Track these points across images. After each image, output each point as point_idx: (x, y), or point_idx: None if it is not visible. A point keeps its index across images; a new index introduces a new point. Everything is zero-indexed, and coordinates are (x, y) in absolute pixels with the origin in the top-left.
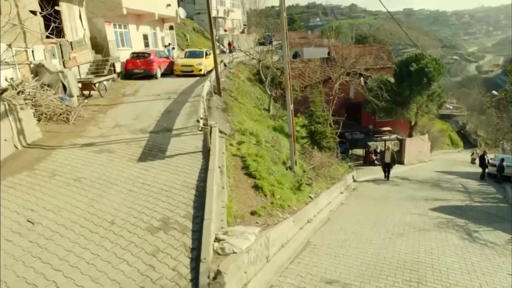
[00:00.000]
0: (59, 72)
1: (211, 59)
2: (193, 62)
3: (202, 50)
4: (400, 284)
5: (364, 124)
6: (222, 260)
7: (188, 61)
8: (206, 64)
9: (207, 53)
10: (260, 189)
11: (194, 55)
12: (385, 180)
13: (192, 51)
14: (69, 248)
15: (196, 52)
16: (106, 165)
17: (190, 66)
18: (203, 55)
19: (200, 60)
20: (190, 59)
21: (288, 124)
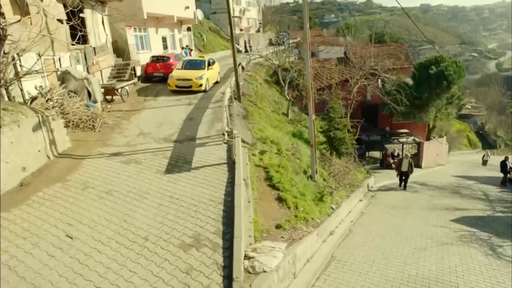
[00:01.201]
0: (84, 79)
1: (215, 69)
2: (192, 75)
3: (203, 59)
4: None
5: (380, 125)
6: (254, 279)
7: (185, 74)
8: (209, 76)
9: (210, 62)
10: (284, 201)
11: (194, 65)
12: (401, 189)
13: (192, 60)
14: (108, 265)
15: (197, 61)
16: (134, 177)
17: (188, 81)
18: (204, 65)
19: (201, 72)
20: (188, 71)
21: (310, 134)
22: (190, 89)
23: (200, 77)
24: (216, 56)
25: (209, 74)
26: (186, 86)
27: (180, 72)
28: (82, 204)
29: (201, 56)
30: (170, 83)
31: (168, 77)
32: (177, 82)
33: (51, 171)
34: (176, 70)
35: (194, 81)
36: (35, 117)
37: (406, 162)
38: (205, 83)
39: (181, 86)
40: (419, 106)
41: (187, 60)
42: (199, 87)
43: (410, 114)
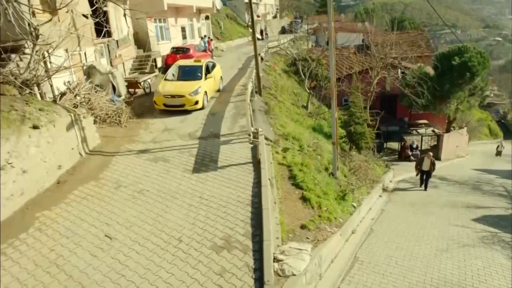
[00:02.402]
0: (108, 73)
1: (216, 76)
2: (184, 89)
3: (200, 64)
4: None
5: (399, 116)
6: (284, 282)
7: (175, 88)
8: (208, 88)
9: (209, 67)
10: (308, 201)
11: (188, 74)
12: (422, 189)
13: (185, 67)
14: (146, 265)
15: (191, 68)
16: (164, 176)
17: (179, 98)
18: (201, 74)
19: (196, 84)
20: (180, 84)
21: (332, 132)
22: (182, 108)
23: (196, 91)
24: (234, 44)
25: (207, 84)
26: (177, 105)
27: (169, 85)
28: (117, 203)
29: (197, 61)
30: (157, 100)
31: (154, 92)
32: (165, 100)
33: (84, 169)
34: (163, 82)
35: (188, 97)
36: (68, 116)
37: (428, 161)
38: (202, 99)
39: (170, 105)
40: (439, 97)
41: (181, 65)
42: (194, 105)
43: (430, 106)
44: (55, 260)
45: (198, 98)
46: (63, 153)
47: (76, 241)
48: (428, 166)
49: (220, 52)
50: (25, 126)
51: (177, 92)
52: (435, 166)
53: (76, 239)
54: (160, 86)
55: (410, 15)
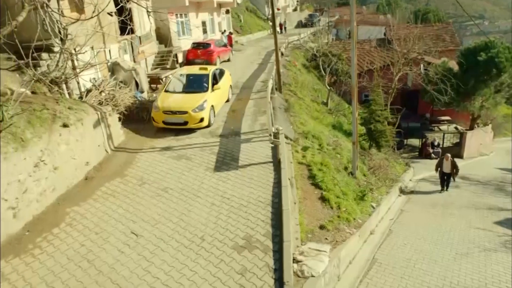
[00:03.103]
0: (132, 69)
1: (225, 85)
2: (187, 104)
3: (206, 73)
4: None
5: (420, 111)
6: (303, 283)
7: (177, 102)
8: (215, 101)
9: (216, 76)
10: (327, 201)
11: (192, 85)
12: (441, 192)
13: (190, 75)
14: (171, 263)
15: (197, 77)
16: (186, 174)
17: (181, 114)
18: (208, 84)
19: (201, 97)
20: (182, 97)
21: (353, 132)
22: (184, 126)
23: (201, 107)
24: (254, 37)
25: (215, 97)
26: (179, 123)
27: (170, 98)
28: (142, 200)
29: (202, 68)
30: (155, 117)
31: (153, 106)
32: (165, 116)
33: (110, 165)
34: (163, 95)
35: (191, 114)
36: (95, 114)
37: (448, 164)
38: (209, 115)
39: (171, 123)
40: (463, 94)
41: (184, 74)
42: (199, 122)
43: (453, 102)
44: (85, 255)
45: (203, 115)
46: (90, 150)
47: (104, 237)
48: (448, 168)
49: (240, 46)
50: (56, 124)
51: (178, 108)
52: (457, 169)
53: (104, 235)
54: (159, 99)
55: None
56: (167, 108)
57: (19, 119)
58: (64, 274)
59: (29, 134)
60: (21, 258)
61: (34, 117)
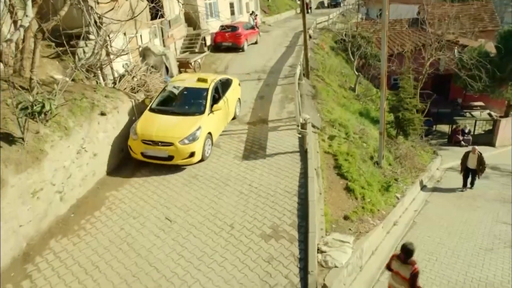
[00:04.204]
0: (162, 54)
1: (230, 100)
2: (174, 132)
3: (206, 86)
4: None
5: (452, 96)
6: (326, 273)
7: (161, 128)
8: (214, 126)
9: (219, 89)
10: (352, 191)
11: (186, 102)
12: (463, 190)
13: (184, 88)
14: (202, 249)
15: (193, 92)
16: (216, 162)
17: (165, 146)
18: (206, 102)
19: (195, 122)
20: (168, 121)
21: (380, 122)
22: (171, 163)
23: (192, 137)
24: (281, 17)
25: (214, 121)
26: (162, 157)
27: (154, 122)
28: (174, 187)
29: (201, 80)
30: (133, 146)
31: (130, 131)
32: (144, 147)
33: None
34: (146, 116)
35: (178, 146)
36: (130, 102)
37: (474, 158)
38: (203, 147)
39: (151, 156)
40: (499, 80)
41: (174, 87)
42: (188, 158)
43: (488, 88)
44: (125, 238)
45: (194, 148)
46: (125, 137)
47: (141, 221)
48: (474, 164)
49: (267, 27)
50: (94, 113)
51: (162, 137)
52: (484, 166)
53: (141, 219)
54: (140, 122)
55: None
56: (147, 137)
57: (62, 109)
58: (107, 255)
59: (71, 123)
60: (68, 238)
61: (75, 106)
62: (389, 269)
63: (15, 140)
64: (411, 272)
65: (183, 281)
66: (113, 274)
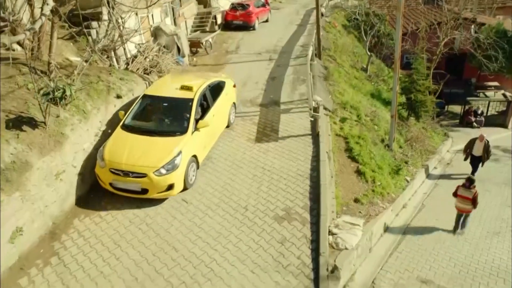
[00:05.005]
0: (173, 34)
1: (222, 111)
2: (148, 159)
3: (190, 97)
4: None
5: (466, 76)
6: (337, 255)
7: (133, 153)
8: (198, 147)
9: (207, 98)
10: (362, 174)
11: (165, 118)
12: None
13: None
14: (218, 230)
15: (174, 104)
16: (229, 144)
17: (138, 177)
18: (189, 117)
19: (174, 144)
20: (143, 142)
21: (392, 105)
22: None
23: (171, 165)
24: None
25: (200, 141)
26: (134, 190)
27: (125, 144)
28: None
29: (186, 88)
30: (101, 175)
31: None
32: (113, 178)
33: None
34: (117, 135)
35: (153, 178)
36: (144, 84)
37: (481, 145)
38: (184, 176)
39: (120, 189)
40: None
41: (151, 99)
42: (166, 191)
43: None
44: (144, 218)
45: (172, 180)
46: None
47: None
48: (480, 152)
49: (278, 4)
50: (110, 96)
51: (132, 166)
52: (490, 153)
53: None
54: (109, 144)
55: None
56: (115, 165)
57: (80, 92)
58: (127, 234)
59: (89, 106)
60: (90, 218)
61: (92, 89)
62: (455, 195)
63: (37, 124)
64: (473, 194)
65: (201, 260)
66: (134, 252)
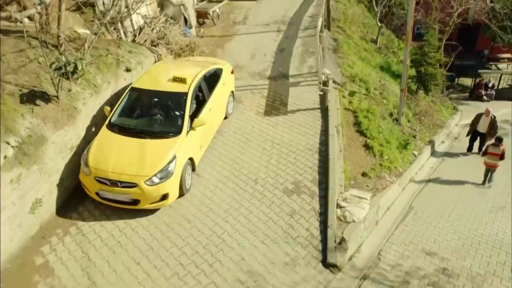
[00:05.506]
0: (180, 4)
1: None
2: (138, 166)
3: (184, 90)
4: (494, 266)
5: (478, 47)
6: (345, 227)
7: (121, 160)
8: (193, 150)
9: (203, 90)
10: (370, 149)
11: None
12: (467, 154)
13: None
14: (229, 202)
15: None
16: (238, 117)
17: (127, 187)
18: (184, 115)
19: (167, 147)
20: (132, 145)
21: (402, 79)
22: (136, 207)
23: (164, 172)
24: None
25: (196, 140)
26: (123, 201)
27: (111, 147)
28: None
29: (178, 79)
30: (86, 183)
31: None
32: (100, 187)
33: None
34: (102, 136)
35: (144, 187)
36: (152, 57)
37: (487, 121)
38: (180, 183)
39: (109, 199)
40: None
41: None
42: (160, 201)
43: None
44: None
45: (166, 189)
46: None
47: None
48: (485, 128)
49: None
50: (120, 69)
51: (120, 175)
52: (496, 129)
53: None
54: (93, 148)
55: None
56: (101, 173)
57: (90, 66)
58: None
59: (99, 80)
60: None
61: (101, 62)
62: (484, 153)
63: (50, 99)
64: (502, 150)
65: (213, 231)
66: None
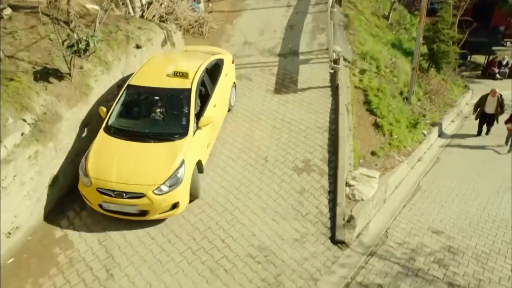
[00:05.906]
0: None
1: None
2: (144, 174)
3: (187, 86)
4: (499, 245)
5: (493, 23)
6: (353, 206)
7: (124, 168)
8: (201, 151)
9: (207, 85)
10: (380, 127)
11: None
12: (476, 136)
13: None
14: (239, 180)
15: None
16: (248, 95)
17: (133, 198)
18: (188, 115)
19: (174, 151)
20: (134, 150)
21: (414, 57)
22: (144, 218)
23: (174, 179)
24: None
25: (202, 140)
26: (129, 213)
27: (108, 155)
28: None
29: (179, 74)
30: (87, 195)
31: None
32: (103, 199)
33: None
34: (100, 141)
35: (153, 197)
36: (162, 34)
37: (494, 102)
38: (189, 189)
39: (114, 212)
40: None
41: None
42: (170, 210)
43: None
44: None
45: (177, 197)
46: None
47: None
48: (492, 109)
49: None
50: (130, 46)
51: (125, 185)
52: (504, 108)
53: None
54: (91, 155)
55: None
56: (104, 184)
57: (101, 43)
58: None
59: (110, 57)
60: None
61: (112, 39)
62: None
63: (63, 76)
64: None
65: (224, 208)
66: None
